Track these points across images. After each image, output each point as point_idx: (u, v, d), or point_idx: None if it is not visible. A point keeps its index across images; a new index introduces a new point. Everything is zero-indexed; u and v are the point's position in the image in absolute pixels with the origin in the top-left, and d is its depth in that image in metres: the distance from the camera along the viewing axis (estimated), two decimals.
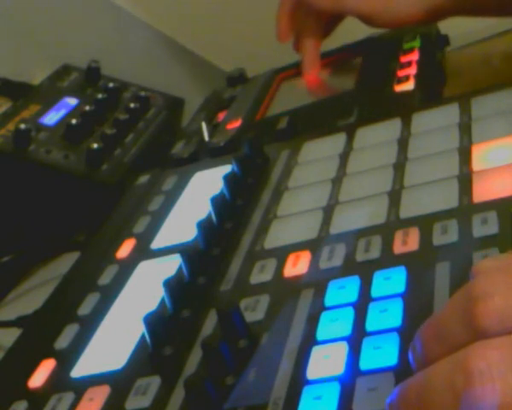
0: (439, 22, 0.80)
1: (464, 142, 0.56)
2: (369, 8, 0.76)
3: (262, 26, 1.08)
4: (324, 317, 0.43)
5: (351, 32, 0.83)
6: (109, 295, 0.55)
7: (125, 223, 0.65)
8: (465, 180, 0.51)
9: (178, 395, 0.42)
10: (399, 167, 0.56)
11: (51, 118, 0.87)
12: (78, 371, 0.48)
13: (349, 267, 0.47)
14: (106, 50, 1.02)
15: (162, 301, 0.50)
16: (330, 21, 0.83)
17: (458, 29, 0.74)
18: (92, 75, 0.96)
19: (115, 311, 0.53)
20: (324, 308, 0.44)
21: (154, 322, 0.46)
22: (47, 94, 0.92)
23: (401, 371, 0.37)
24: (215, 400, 0.39)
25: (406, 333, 0.39)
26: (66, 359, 0.50)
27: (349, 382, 0.38)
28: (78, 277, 0.61)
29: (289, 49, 0.84)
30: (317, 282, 0.46)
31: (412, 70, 0.72)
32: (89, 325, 0.52)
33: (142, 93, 0.94)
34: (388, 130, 0.62)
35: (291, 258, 0.50)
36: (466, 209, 0.48)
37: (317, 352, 0.41)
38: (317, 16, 0.81)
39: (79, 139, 0.84)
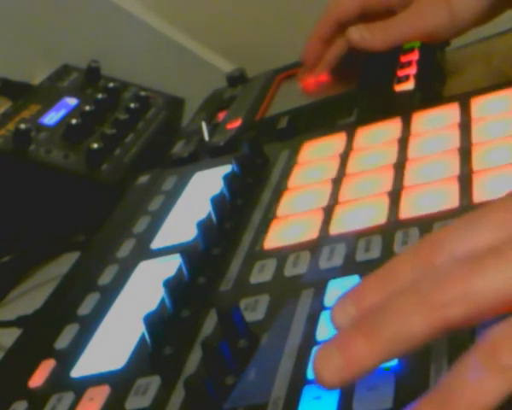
0: None
1: (464, 142, 0.56)
2: (432, 26, 0.71)
3: (262, 26, 1.08)
4: (324, 317, 0.43)
5: None
6: (109, 295, 0.55)
7: (125, 223, 0.65)
8: (465, 180, 0.51)
9: (178, 395, 0.42)
10: (399, 167, 0.56)
11: (51, 118, 0.87)
12: (78, 371, 0.48)
13: (349, 267, 0.47)
14: (106, 50, 1.02)
15: (162, 301, 0.50)
16: None
17: None
18: (92, 75, 0.96)
19: (115, 311, 0.53)
20: (324, 308, 0.44)
21: (154, 322, 0.46)
22: (47, 94, 0.92)
23: (401, 370, 0.37)
24: (215, 400, 0.39)
25: None
26: (67, 359, 0.50)
27: None
28: (78, 277, 0.61)
29: (289, 49, 0.84)
30: (317, 282, 0.46)
31: (412, 70, 0.72)
32: (89, 325, 0.52)
33: (142, 93, 0.94)
34: (388, 130, 0.62)
35: (291, 258, 0.50)
36: (466, 209, 0.48)
37: None
38: None
39: (79, 139, 0.84)
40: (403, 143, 0.59)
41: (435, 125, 0.60)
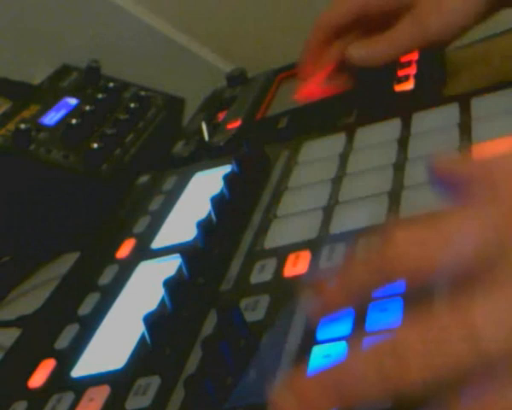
0: None
1: (464, 142, 0.56)
2: (428, 35, 0.68)
3: (262, 25, 1.08)
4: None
5: None
6: (109, 295, 0.55)
7: (125, 223, 0.65)
8: None
9: (178, 395, 0.42)
10: (399, 167, 0.56)
11: (51, 118, 0.87)
12: (78, 371, 0.48)
13: None
14: (106, 50, 1.02)
15: (162, 301, 0.50)
16: None
17: None
18: (92, 75, 0.96)
19: (115, 311, 0.53)
20: None
21: (154, 322, 0.46)
22: (47, 94, 0.92)
23: None
24: (215, 400, 0.39)
25: None
26: (67, 359, 0.50)
27: None
28: (78, 277, 0.61)
29: (289, 49, 0.84)
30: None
31: (412, 70, 0.72)
32: (89, 325, 0.52)
33: (142, 93, 0.94)
34: (388, 130, 0.62)
35: (291, 258, 0.50)
36: None
37: (317, 352, 0.41)
38: None
39: (79, 139, 0.84)
40: (403, 143, 0.59)
41: (435, 125, 0.60)
